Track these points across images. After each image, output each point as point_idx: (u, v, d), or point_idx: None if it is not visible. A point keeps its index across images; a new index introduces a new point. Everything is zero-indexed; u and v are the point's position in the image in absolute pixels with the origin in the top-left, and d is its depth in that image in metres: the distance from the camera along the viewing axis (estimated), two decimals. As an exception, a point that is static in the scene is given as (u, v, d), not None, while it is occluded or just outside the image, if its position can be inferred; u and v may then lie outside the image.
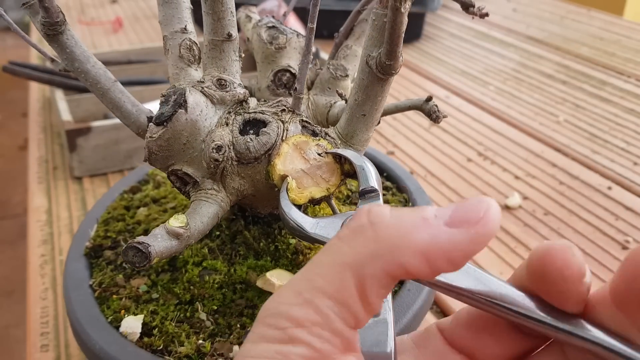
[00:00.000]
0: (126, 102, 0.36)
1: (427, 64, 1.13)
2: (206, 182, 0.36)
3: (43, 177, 0.75)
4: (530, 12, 1.42)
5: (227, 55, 0.36)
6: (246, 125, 0.36)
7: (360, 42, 0.43)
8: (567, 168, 0.75)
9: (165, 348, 0.36)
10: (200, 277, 0.40)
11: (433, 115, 0.37)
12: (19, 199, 2.08)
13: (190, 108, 0.34)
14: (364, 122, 0.36)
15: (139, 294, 0.40)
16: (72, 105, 0.80)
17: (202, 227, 0.34)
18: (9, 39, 3.56)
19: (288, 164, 0.35)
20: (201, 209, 0.35)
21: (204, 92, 0.35)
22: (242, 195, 0.37)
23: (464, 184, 0.72)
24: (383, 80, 0.33)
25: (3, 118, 2.67)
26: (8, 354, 1.51)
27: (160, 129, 0.34)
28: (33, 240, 0.64)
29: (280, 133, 0.35)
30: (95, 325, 0.37)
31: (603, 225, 0.64)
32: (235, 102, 0.36)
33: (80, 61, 0.35)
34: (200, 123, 0.35)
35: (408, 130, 0.86)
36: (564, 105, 0.93)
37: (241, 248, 0.41)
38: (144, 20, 1.40)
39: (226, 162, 0.35)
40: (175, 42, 0.37)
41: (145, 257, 0.30)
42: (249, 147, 0.34)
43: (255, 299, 0.38)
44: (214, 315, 0.38)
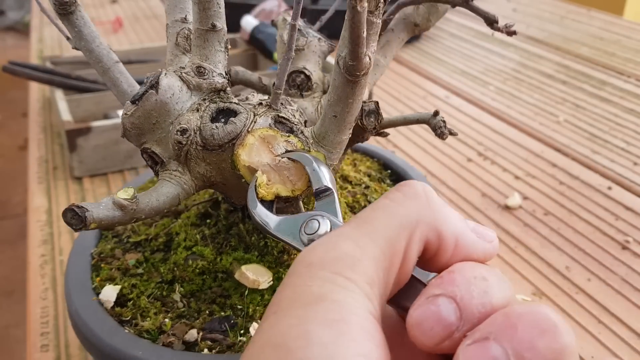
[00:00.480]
0: (123, 82, 0.38)
1: (427, 64, 1.13)
2: (172, 163, 0.37)
3: (43, 177, 0.75)
4: (530, 12, 1.42)
5: (210, 44, 0.37)
6: (219, 114, 0.37)
7: (383, 52, 0.44)
8: (567, 168, 0.75)
9: (131, 320, 0.38)
10: (185, 260, 0.41)
11: (438, 131, 0.37)
12: (19, 199, 2.08)
13: (161, 90, 0.36)
14: (335, 123, 0.35)
15: (128, 267, 0.42)
16: (72, 105, 0.80)
17: (156, 204, 0.35)
18: (9, 39, 3.56)
19: (254, 155, 0.35)
20: (161, 188, 0.36)
21: (181, 77, 0.37)
22: (209, 181, 0.38)
23: (464, 184, 0.72)
24: (352, 82, 0.33)
25: (3, 118, 2.67)
26: (8, 354, 1.51)
27: (133, 107, 0.36)
28: (33, 240, 0.64)
29: (247, 124, 0.36)
30: (79, 289, 0.40)
31: (603, 225, 0.64)
32: (212, 90, 0.37)
33: (87, 40, 0.37)
34: (170, 105, 0.36)
35: (408, 130, 0.86)
36: (564, 105, 0.93)
37: (233, 239, 0.42)
38: (144, 20, 1.40)
39: (190, 146, 0.36)
40: (175, 30, 0.39)
41: (81, 221, 0.32)
42: (213, 134, 0.35)
43: (231, 289, 0.39)
44: (188, 298, 0.39)
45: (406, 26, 0.43)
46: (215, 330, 0.37)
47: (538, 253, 0.60)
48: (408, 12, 0.43)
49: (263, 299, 0.38)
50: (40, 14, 1.45)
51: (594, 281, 0.56)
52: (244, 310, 0.38)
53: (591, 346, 0.49)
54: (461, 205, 0.68)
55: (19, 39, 3.52)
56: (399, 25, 0.44)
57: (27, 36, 3.27)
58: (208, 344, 0.36)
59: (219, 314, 0.38)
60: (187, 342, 0.36)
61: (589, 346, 0.49)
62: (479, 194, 0.70)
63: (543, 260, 0.59)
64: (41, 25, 1.38)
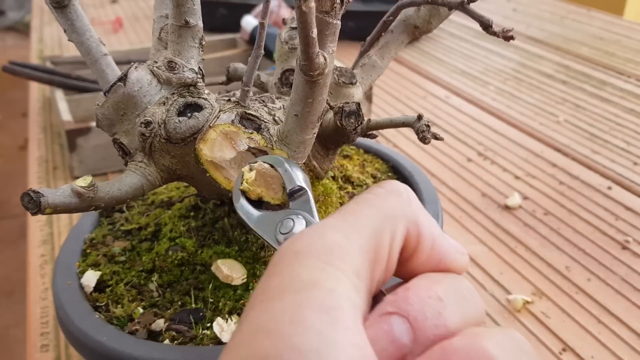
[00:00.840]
0: (109, 74, 0.39)
1: (427, 63, 1.13)
2: (138, 154, 0.38)
3: (43, 177, 0.75)
4: (530, 12, 1.42)
5: (184, 40, 0.38)
6: (187, 108, 0.37)
7: (381, 53, 0.44)
8: (567, 168, 0.75)
9: (106, 306, 0.39)
10: (166, 251, 0.42)
11: (420, 135, 0.36)
12: (19, 199, 2.08)
13: (129, 83, 0.37)
14: (297, 122, 0.36)
15: (114, 254, 0.43)
16: (72, 105, 0.80)
17: (117, 194, 0.36)
18: (9, 39, 3.56)
19: (216, 151, 0.36)
20: (125, 178, 0.37)
21: (152, 71, 0.38)
22: (175, 174, 0.38)
23: (464, 184, 0.72)
24: (309, 81, 0.33)
25: (3, 118, 2.67)
26: (8, 353, 1.51)
27: (104, 98, 0.37)
28: (33, 241, 0.64)
29: (210, 119, 0.36)
30: (64, 272, 0.41)
31: (603, 225, 0.64)
32: (182, 85, 0.38)
33: (78, 33, 0.38)
34: (138, 98, 0.37)
35: (408, 130, 0.86)
36: (564, 105, 0.93)
37: (217, 233, 0.42)
38: (144, 20, 1.40)
39: (154, 139, 0.37)
40: (159, 25, 0.41)
41: (36, 205, 0.33)
42: (176, 127, 0.36)
43: (205, 282, 0.40)
44: (165, 288, 0.40)
45: (406, 28, 0.43)
46: (182, 321, 0.37)
47: (538, 253, 0.60)
48: (409, 14, 0.42)
49: (235, 294, 0.38)
50: (40, 14, 1.45)
51: (594, 281, 0.56)
52: (215, 304, 0.38)
53: (591, 346, 0.49)
54: (461, 205, 0.68)
55: (19, 39, 3.52)
56: (398, 27, 0.44)
57: (27, 36, 3.27)
58: (172, 334, 0.36)
59: (190, 305, 0.38)
60: (153, 331, 0.36)
61: (589, 346, 0.49)
62: (479, 193, 0.70)
63: (543, 260, 0.59)
64: (41, 25, 1.38)
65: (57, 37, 1.29)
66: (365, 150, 0.56)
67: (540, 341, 0.50)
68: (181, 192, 0.49)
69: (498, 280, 0.56)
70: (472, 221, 0.65)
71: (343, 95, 0.42)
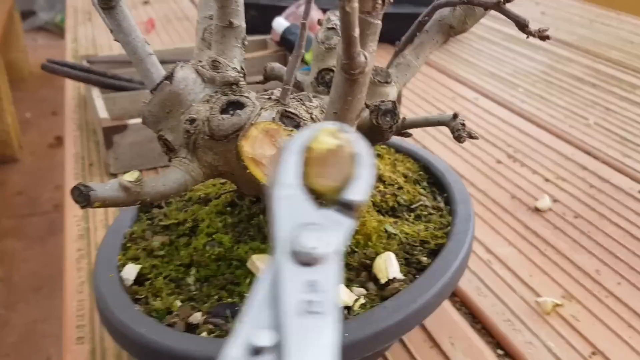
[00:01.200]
0: (154, 73, 0.40)
1: (456, 65, 1.13)
2: (182, 150, 0.39)
3: (79, 173, 0.77)
4: (559, 15, 1.41)
5: (227, 40, 0.39)
6: (229, 106, 0.38)
7: (416, 53, 0.44)
8: (598, 171, 0.75)
9: (145, 299, 0.40)
10: (204, 246, 0.43)
11: (456, 134, 0.37)
12: (48, 196, 2.12)
13: (175, 81, 0.38)
14: (336, 120, 0.36)
15: (153, 248, 0.44)
16: (109, 103, 0.81)
17: (162, 189, 0.37)
18: (40, 39, 3.62)
19: (257, 147, 0.37)
20: (170, 174, 0.38)
21: (197, 70, 0.39)
22: (217, 170, 0.39)
23: (494, 185, 0.72)
24: (349, 80, 0.33)
25: (33, 116, 2.73)
26: (35, 347, 1.54)
27: (150, 96, 0.39)
28: (70, 235, 0.65)
29: (252, 117, 0.37)
30: (105, 265, 0.43)
31: (634, 229, 0.63)
32: (225, 84, 0.39)
33: (124, 33, 0.39)
34: (183, 96, 0.38)
35: (436, 131, 0.86)
36: (594, 108, 0.92)
37: (253, 229, 0.43)
38: (175, 21, 1.42)
39: (198, 135, 0.38)
40: (202, 26, 0.42)
41: (85, 199, 0.34)
42: (219, 124, 0.37)
43: (242, 277, 0.40)
44: (202, 282, 0.41)
45: (441, 28, 0.44)
46: (219, 315, 0.38)
47: (568, 256, 0.60)
48: (444, 14, 0.43)
49: None
50: (74, 15, 1.48)
51: (624, 285, 0.56)
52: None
53: (621, 350, 0.49)
54: (490, 207, 0.68)
55: (50, 38, 3.59)
56: (434, 27, 0.44)
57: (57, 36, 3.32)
58: (209, 327, 0.37)
59: (227, 300, 0.39)
60: (191, 324, 0.37)
61: (619, 350, 0.49)
62: (509, 196, 0.70)
63: (573, 263, 0.59)
64: (75, 25, 1.41)
65: (91, 37, 1.31)
66: (397, 150, 0.56)
67: (570, 344, 0.50)
68: (217, 188, 0.50)
69: (528, 282, 0.56)
70: (501, 223, 0.65)
71: (378, 94, 0.43)
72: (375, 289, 0.40)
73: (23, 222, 2.01)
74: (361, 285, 0.40)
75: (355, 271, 0.41)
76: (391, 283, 0.40)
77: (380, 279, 0.40)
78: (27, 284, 1.73)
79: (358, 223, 0.43)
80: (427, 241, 0.45)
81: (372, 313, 0.37)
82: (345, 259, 0.41)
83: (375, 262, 0.41)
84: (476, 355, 0.49)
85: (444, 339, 0.50)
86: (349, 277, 0.41)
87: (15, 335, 1.56)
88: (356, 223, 0.25)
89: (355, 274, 0.41)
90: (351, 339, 0.35)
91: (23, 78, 3.00)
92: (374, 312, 0.37)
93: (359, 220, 0.43)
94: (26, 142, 2.48)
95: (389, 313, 0.37)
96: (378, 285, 0.40)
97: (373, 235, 0.43)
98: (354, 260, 0.42)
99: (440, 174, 0.52)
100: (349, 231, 0.23)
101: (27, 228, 1.98)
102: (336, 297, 0.21)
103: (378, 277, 0.40)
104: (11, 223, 2.00)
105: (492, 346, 0.50)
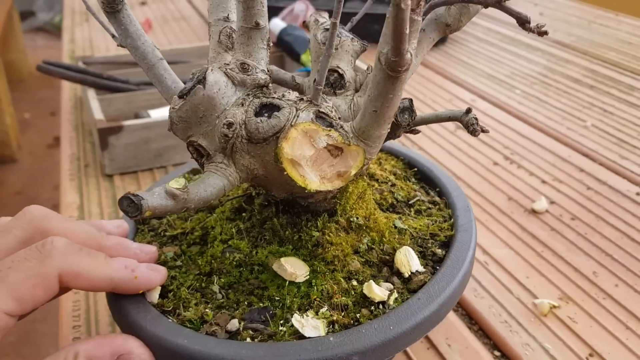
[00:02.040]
0: (167, 78, 0.39)
1: (453, 67, 1.13)
2: (217, 155, 0.38)
3: (75, 174, 0.77)
4: (558, 16, 1.41)
5: (254, 42, 0.38)
6: (262, 108, 0.38)
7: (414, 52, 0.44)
8: (595, 173, 0.74)
9: (173, 310, 0.39)
10: (222, 253, 0.42)
11: (471, 128, 0.37)
12: (47, 196, 2.12)
13: (208, 85, 0.37)
14: (375, 118, 0.36)
15: (166, 260, 0.43)
16: (104, 104, 0.81)
17: (204, 195, 0.36)
18: (39, 39, 3.62)
19: (297, 149, 0.36)
20: (208, 179, 0.37)
21: (226, 73, 0.38)
22: (252, 174, 0.39)
23: (490, 187, 0.72)
24: (393, 77, 0.34)
25: (32, 117, 2.72)
26: (35, 347, 1.54)
27: (181, 101, 0.37)
28: (65, 236, 0.65)
29: (290, 118, 0.37)
30: None
31: (631, 231, 0.63)
32: (255, 86, 0.39)
33: (132, 38, 0.38)
34: (217, 100, 0.37)
35: (433, 132, 0.86)
36: (591, 110, 0.92)
37: (268, 233, 0.43)
38: (172, 22, 1.42)
39: (236, 139, 0.37)
40: (217, 28, 0.40)
41: (137, 209, 0.33)
42: (258, 127, 0.36)
43: (268, 281, 0.40)
44: (226, 289, 0.40)
45: (437, 26, 0.44)
46: (255, 320, 0.38)
47: (565, 258, 0.60)
48: (440, 12, 0.43)
49: (299, 291, 0.39)
50: (72, 15, 1.48)
51: (622, 287, 0.56)
52: (281, 302, 0.38)
53: (618, 352, 0.49)
54: (487, 209, 0.68)
55: (49, 39, 3.59)
56: (430, 26, 0.44)
57: (56, 37, 3.32)
58: (250, 333, 0.37)
59: (258, 304, 0.39)
60: (229, 331, 0.37)
61: (616, 352, 0.49)
62: (505, 197, 0.70)
63: (570, 265, 0.59)
64: (73, 26, 1.41)
65: (88, 38, 1.31)
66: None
67: (567, 346, 0.49)
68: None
69: (524, 284, 0.56)
70: (498, 225, 0.65)
71: None
72: (400, 283, 0.41)
73: (21, 223, 2.00)
74: (386, 280, 0.41)
75: (376, 267, 0.42)
76: (415, 276, 0.41)
77: (404, 273, 0.41)
78: (24, 285, 1.73)
79: (363, 220, 0.43)
80: (436, 234, 0.46)
81: (409, 305, 0.38)
82: (365, 256, 0.42)
83: (396, 257, 0.42)
84: (473, 356, 0.49)
85: (441, 341, 0.50)
86: (373, 274, 0.41)
87: (15, 335, 1.56)
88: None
89: (377, 269, 0.42)
90: (396, 331, 0.36)
91: (22, 79, 3.00)
92: (409, 305, 0.38)
93: (370, 218, 0.44)
94: (25, 143, 2.48)
95: (423, 304, 0.38)
96: (402, 279, 0.41)
97: (385, 232, 0.44)
98: (373, 256, 0.42)
99: (426, 169, 0.53)
100: None
101: (25, 229, 1.97)
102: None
103: (401, 271, 0.41)
104: (9, 224, 1.99)
105: (489, 348, 0.50)
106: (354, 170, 0.37)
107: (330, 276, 0.40)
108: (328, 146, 0.37)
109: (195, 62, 0.98)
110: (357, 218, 0.43)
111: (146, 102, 0.84)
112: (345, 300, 0.38)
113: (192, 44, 1.17)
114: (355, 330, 0.36)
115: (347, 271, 0.41)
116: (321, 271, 0.40)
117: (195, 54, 1.03)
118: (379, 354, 0.35)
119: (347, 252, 0.42)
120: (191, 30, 1.35)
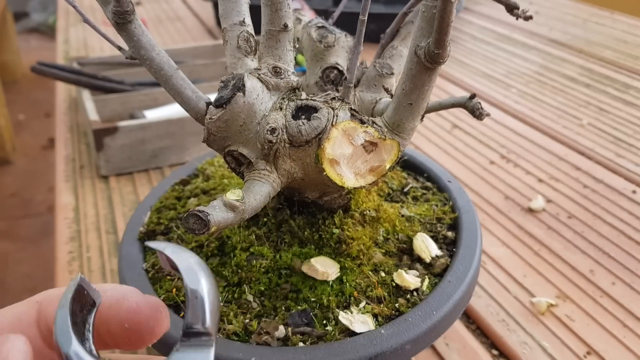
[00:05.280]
0: (187, 88, 0.38)
1: (449, 66, 1.13)
2: (260, 162, 0.38)
3: (70, 176, 0.77)
4: (553, 14, 1.41)
5: (282, 45, 0.38)
6: (298, 111, 0.37)
7: (405, 43, 0.45)
8: (591, 171, 0.74)
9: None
10: (247, 261, 0.41)
11: (476, 112, 0.38)
12: (42, 198, 2.11)
13: (247, 92, 0.36)
14: (410, 111, 0.37)
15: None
16: (99, 105, 0.81)
17: (255, 203, 0.35)
18: (33, 40, 3.61)
19: (337, 148, 0.36)
20: (255, 187, 0.37)
21: (260, 78, 0.37)
22: (292, 177, 0.38)
23: (487, 186, 0.72)
24: (430, 69, 0.34)
25: (27, 118, 2.71)
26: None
27: (220, 111, 0.36)
28: (61, 237, 0.65)
29: (330, 118, 0.37)
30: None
31: (628, 229, 0.63)
32: (289, 89, 0.38)
33: (146, 49, 0.36)
34: (256, 106, 0.37)
35: (430, 132, 0.86)
36: (587, 109, 0.92)
37: (286, 236, 0.43)
38: (167, 22, 1.42)
39: (279, 144, 0.37)
40: (234, 33, 0.39)
41: (204, 225, 0.31)
42: (300, 130, 0.36)
43: (299, 284, 0.40)
44: (260, 297, 0.40)
45: None
46: (298, 324, 0.37)
47: (562, 256, 0.60)
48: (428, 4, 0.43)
49: (333, 289, 0.39)
50: (66, 16, 1.48)
51: (619, 285, 0.56)
52: (318, 302, 0.38)
53: (616, 350, 0.49)
54: (484, 208, 0.68)
55: (43, 40, 3.57)
56: None
57: (50, 38, 3.31)
58: (299, 337, 0.36)
59: (295, 308, 0.39)
60: (279, 338, 0.37)
61: (613, 350, 0.49)
62: (502, 196, 0.70)
63: (567, 263, 0.59)
64: (67, 26, 1.40)
65: (83, 39, 1.30)
66: None
67: (565, 344, 0.49)
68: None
69: (522, 282, 0.56)
70: (495, 224, 0.65)
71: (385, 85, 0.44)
72: (423, 268, 0.42)
73: (16, 224, 1.99)
74: (410, 268, 0.41)
75: (396, 257, 0.43)
76: (435, 260, 0.42)
77: (425, 259, 0.42)
78: (20, 286, 1.72)
79: (375, 213, 0.44)
80: (441, 217, 0.47)
81: (443, 289, 0.39)
82: (384, 247, 0.43)
83: (414, 244, 0.43)
84: (471, 355, 0.49)
85: (439, 340, 0.50)
86: (395, 263, 0.42)
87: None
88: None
89: (397, 259, 0.42)
90: (439, 316, 0.37)
91: (16, 80, 2.99)
92: (443, 288, 0.39)
93: (380, 209, 0.44)
94: (19, 144, 2.47)
95: (455, 286, 0.39)
96: (423, 265, 0.42)
97: (396, 221, 0.44)
98: (391, 246, 0.43)
99: (408, 156, 0.54)
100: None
101: (20, 230, 1.97)
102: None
103: (422, 257, 0.42)
104: (4, 225, 1.99)
105: (486, 346, 0.50)
106: (388, 164, 0.37)
107: (359, 270, 0.40)
108: (364, 142, 0.37)
109: (190, 63, 0.98)
110: (369, 211, 0.44)
111: (141, 102, 0.84)
112: (382, 292, 0.39)
113: (187, 44, 1.17)
114: (402, 320, 0.37)
115: (372, 264, 0.41)
116: (349, 267, 0.40)
117: (190, 55, 1.03)
118: (427, 339, 0.36)
119: (369, 245, 0.42)
120: (186, 31, 1.35)
